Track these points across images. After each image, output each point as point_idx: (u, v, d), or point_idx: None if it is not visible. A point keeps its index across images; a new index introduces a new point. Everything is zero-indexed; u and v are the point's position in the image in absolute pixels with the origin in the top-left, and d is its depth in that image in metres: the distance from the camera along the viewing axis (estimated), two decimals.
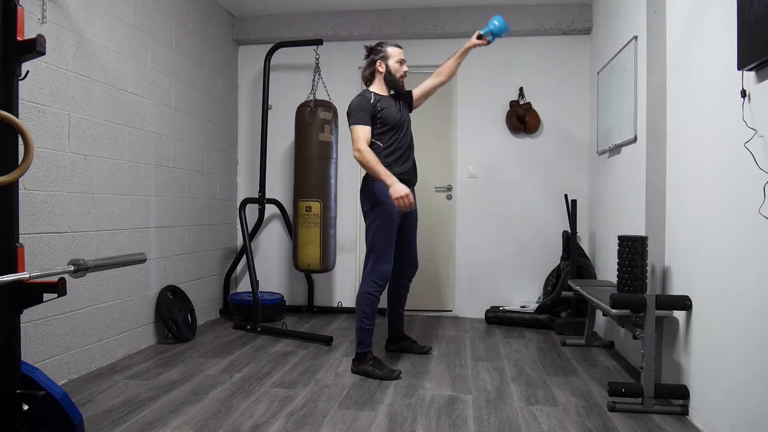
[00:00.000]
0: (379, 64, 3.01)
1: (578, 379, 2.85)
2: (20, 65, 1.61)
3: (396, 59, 3.01)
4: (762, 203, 1.74)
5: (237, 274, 4.69)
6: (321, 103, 3.94)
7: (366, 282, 2.91)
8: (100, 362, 2.97)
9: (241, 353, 3.28)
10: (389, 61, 3.00)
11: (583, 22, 4.30)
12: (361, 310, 2.90)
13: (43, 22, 2.54)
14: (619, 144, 3.38)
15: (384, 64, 3.00)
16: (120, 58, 3.14)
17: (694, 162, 2.34)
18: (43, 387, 1.64)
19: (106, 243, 3.02)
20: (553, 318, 3.99)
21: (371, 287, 2.89)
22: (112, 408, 2.35)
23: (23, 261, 1.61)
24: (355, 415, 2.31)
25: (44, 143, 2.57)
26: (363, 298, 2.90)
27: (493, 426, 2.21)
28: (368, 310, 2.90)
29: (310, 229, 3.84)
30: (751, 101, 1.86)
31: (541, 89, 4.45)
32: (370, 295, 2.89)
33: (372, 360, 2.87)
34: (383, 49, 3.02)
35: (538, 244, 4.42)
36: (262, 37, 4.62)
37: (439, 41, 4.56)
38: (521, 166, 4.48)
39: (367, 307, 2.90)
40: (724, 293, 2.05)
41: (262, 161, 4.34)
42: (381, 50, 3.02)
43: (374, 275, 2.89)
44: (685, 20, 2.45)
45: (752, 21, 1.75)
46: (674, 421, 2.27)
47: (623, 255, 2.59)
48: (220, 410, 2.35)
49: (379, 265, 2.89)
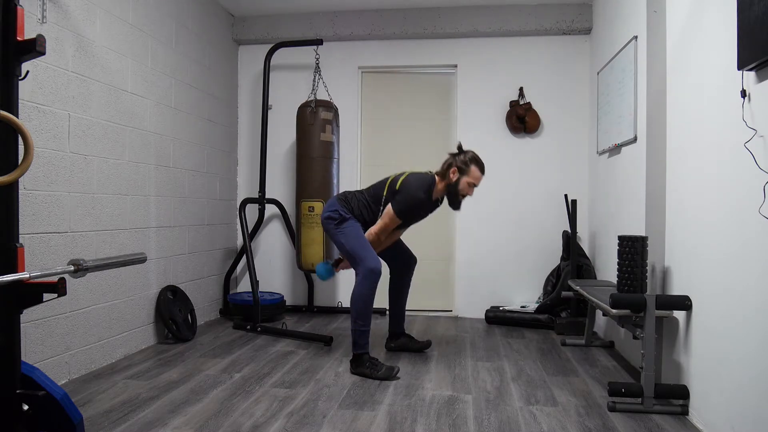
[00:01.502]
0: (453, 171, 2.95)
1: (578, 379, 2.85)
2: (20, 65, 1.61)
3: (471, 181, 2.97)
4: (762, 203, 1.74)
5: (237, 274, 4.69)
6: (322, 103, 3.94)
7: (357, 283, 2.91)
8: (100, 362, 2.97)
9: (241, 353, 3.28)
10: (465, 178, 2.95)
11: (583, 22, 4.30)
12: (355, 311, 2.90)
13: (43, 22, 2.54)
14: (619, 144, 3.38)
15: (458, 177, 2.95)
16: (120, 58, 3.14)
17: (694, 162, 2.34)
18: (43, 387, 1.64)
19: (106, 243, 3.02)
20: (553, 318, 3.99)
21: (363, 287, 2.89)
22: (112, 408, 2.35)
23: (23, 261, 1.61)
24: (355, 415, 2.31)
25: (44, 143, 2.57)
26: (356, 299, 2.90)
27: (493, 426, 2.21)
28: (362, 311, 2.89)
29: (312, 229, 3.84)
30: (751, 101, 1.86)
31: (541, 89, 4.45)
32: (362, 295, 2.89)
33: (369, 361, 2.87)
34: (469, 166, 2.95)
35: (538, 244, 4.42)
36: (262, 37, 4.62)
37: (439, 41, 4.56)
38: (521, 166, 4.48)
39: (361, 308, 2.89)
40: (724, 293, 2.05)
41: (262, 161, 4.34)
42: (467, 165, 2.95)
43: (364, 274, 2.89)
44: (685, 20, 2.45)
45: (752, 21, 1.75)
46: (674, 421, 2.27)
47: (623, 255, 2.59)
48: (220, 410, 2.35)
49: (365, 264, 2.88)
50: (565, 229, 4.15)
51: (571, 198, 4.05)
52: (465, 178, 2.95)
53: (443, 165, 3.03)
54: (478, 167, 2.97)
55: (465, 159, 2.97)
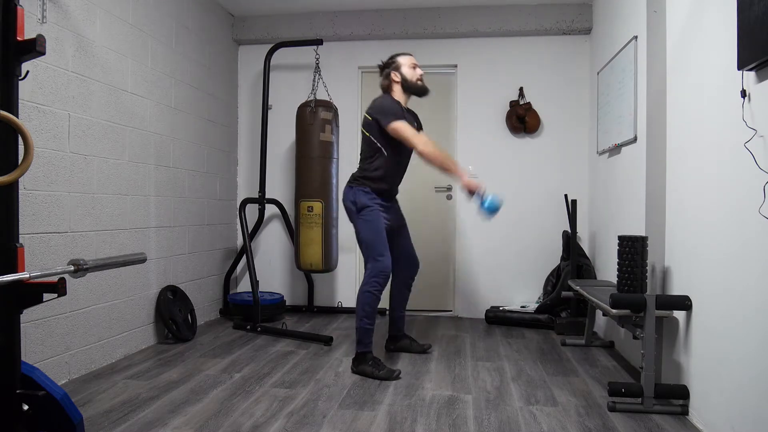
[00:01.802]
0: (393, 74, 3.04)
1: (578, 379, 2.85)
2: (20, 65, 1.61)
3: (408, 65, 3.05)
4: (762, 203, 1.74)
5: (237, 274, 4.69)
6: (322, 102, 3.94)
7: (366, 281, 2.91)
8: (100, 362, 2.97)
9: (241, 353, 3.28)
10: (403, 68, 3.04)
11: (583, 22, 4.30)
12: (362, 309, 2.90)
13: (43, 22, 2.54)
14: (619, 144, 3.38)
15: (398, 73, 3.04)
16: (120, 58, 3.14)
17: (694, 162, 2.34)
18: (43, 387, 1.64)
19: (106, 243, 3.02)
20: (553, 318, 3.99)
21: (372, 286, 2.89)
22: (112, 408, 2.35)
23: (23, 261, 1.61)
24: (355, 415, 2.31)
25: (44, 143, 2.57)
26: (363, 297, 2.90)
27: (493, 426, 2.21)
28: (368, 309, 2.89)
29: (312, 229, 3.84)
30: (751, 101, 1.86)
31: (541, 89, 4.45)
32: (371, 293, 2.89)
33: (372, 360, 2.87)
34: (394, 60, 3.08)
35: (538, 244, 4.42)
36: (262, 37, 4.62)
37: (439, 41, 4.56)
38: (521, 166, 4.48)
39: (368, 306, 2.89)
40: (724, 293, 2.05)
41: (262, 161, 4.34)
42: (392, 62, 3.08)
43: (374, 273, 2.89)
44: (685, 20, 2.45)
45: (752, 21, 1.75)
46: (674, 421, 2.27)
47: (623, 255, 2.59)
48: (220, 410, 2.35)
49: (377, 262, 2.90)
50: (565, 229, 4.15)
51: (571, 198, 4.05)
52: (403, 69, 3.03)
53: (382, 83, 3.11)
54: (402, 54, 3.09)
55: (389, 62, 3.09)
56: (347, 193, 3.06)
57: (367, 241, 2.94)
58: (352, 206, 3.01)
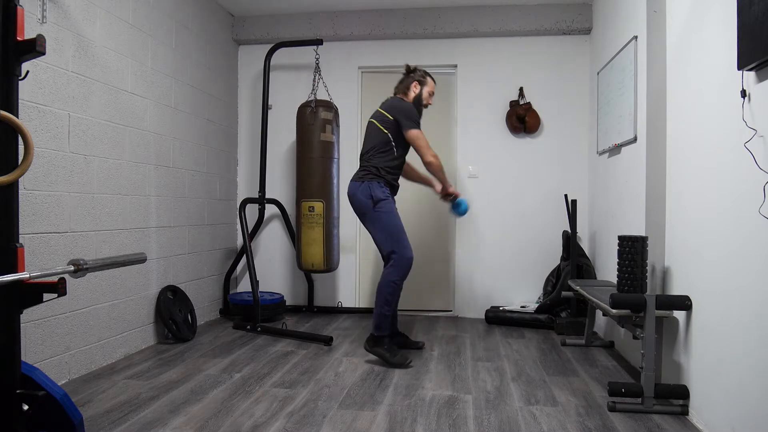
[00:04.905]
0: (415, 85, 3.26)
1: (578, 379, 2.85)
2: (20, 65, 1.61)
3: (429, 91, 3.29)
4: (762, 203, 1.74)
5: (237, 274, 4.69)
6: (322, 103, 3.94)
7: (390, 271, 3.03)
8: (100, 362, 2.97)
9: (241, 353, 3.28)
10: (425, 88, 3.26)
11: (583, 22, 4.30)
12: (384, 298, 3.02)
13: (43, 22, 2.54)
14: (619, 144, 3.38)
15: (419, 89, 3.25)
16: (120, 58, 3.14)
17: (694, 162, 2.34)
18: (43, 387, 1.64)
19: (106, 243, 3.02)
20: (553, 318, 3.99)
21: (395, 276, 3.03)
22: (112, 408, 2.35)
23: (23, 261, 1.61)
24: (355, 415, 2.31)
25: (44, 143, 2.57)
26: (388, 287, 3.02)
27: (493, 426, 2.21)
28: (390, 298, 3.03)
29: (313, 229, 3.84)
30: (751, 101, 1.86)
31: (541, 89, 4.45)
32: (395, 284, 3.04)
33: (388, 344, 3.00)
34: (424, 77, 3.28)
35: (538, 244, 4.42)
36: (262, 37, 4.62)
37: (439, 41, 4.56)
38: (521, 166, 4.48)
39: (390, 295, 3.03)
40: (724, 293, 2.05)
41: (262, 161, 4.34)
42: (422, 77, 3.27)
43: (400, 263, 3.01)
44: (685, 20, 2.45)
45: (752, 21, 1.75)
46: (674, 421, 2.27)
47: (623, 255, 2.59)
48: (220, 410, 2.35)
49: (402, 252, 3.02)
50: (565, 229, 4.15)
51: (571, 198, 4.05)
52: (425, 88, 3.26)
53: (401, 85, 3.30)
54: (431, 78, 3.32)
55: (422, 73, 3.28)
56: (359, 188, 3.11)
57: (392, 232, 3.05)
58: (367, 200, 3.07)
